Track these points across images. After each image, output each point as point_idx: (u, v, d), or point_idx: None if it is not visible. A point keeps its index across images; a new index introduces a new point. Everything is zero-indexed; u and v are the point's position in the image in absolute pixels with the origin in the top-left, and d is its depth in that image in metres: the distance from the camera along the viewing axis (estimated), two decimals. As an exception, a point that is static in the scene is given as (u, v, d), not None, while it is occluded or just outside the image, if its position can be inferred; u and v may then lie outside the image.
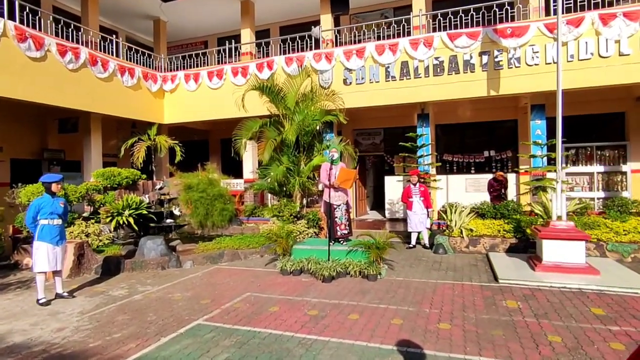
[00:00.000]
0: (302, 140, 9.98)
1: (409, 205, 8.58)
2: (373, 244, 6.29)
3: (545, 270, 6.10)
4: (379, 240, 6.35)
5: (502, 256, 7.33)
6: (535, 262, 6.40)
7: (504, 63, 9.17)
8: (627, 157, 10.90)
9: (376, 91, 10.32)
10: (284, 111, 10.19)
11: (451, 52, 9.58)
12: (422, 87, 9.88)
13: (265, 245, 8.30)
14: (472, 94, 9.51)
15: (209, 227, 10.76)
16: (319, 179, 11.69)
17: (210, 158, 15.27)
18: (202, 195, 10.16)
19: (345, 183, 6.73)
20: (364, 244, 6.43)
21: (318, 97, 10.02)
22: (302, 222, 9.25)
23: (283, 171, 9.11)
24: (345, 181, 6.71)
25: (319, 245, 6.87)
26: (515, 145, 12.20)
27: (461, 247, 8.05)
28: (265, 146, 9.29)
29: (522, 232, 7.76)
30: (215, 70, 12.08)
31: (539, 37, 8.90)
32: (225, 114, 11.98)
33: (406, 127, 13.16)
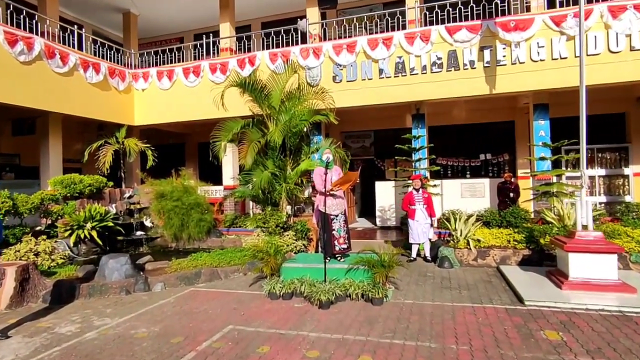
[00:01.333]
0: (288, 143, 9.03)
1: (411, 214, 7.74)
2: (378, 261, 5.38)
3: (573, 288, 5.33)
4: (384, 256, 5.45)
5: (516, 270, 6.55)
6: (560, 278, 5.63)
7: (507, 59, 8.51)
8: (629, 160, 10.44)
9: (369, 89, 9.50)
10: (268, 111, 9.23)
11: (450, 46, 8.87)
12: (419, 84, 9.12)
13: (249, 262, 7.28)
14: (473, 92, 8.81)
15: (184, 240, 9.68)
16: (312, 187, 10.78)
17: (186, 163, 14.11)
18: (176, 205, 9.07)
19: (342, 186, 5.82)
20: (366, 261, 5.52)
21: (306, 96, 9.11)
22: (289, 234, 8.28)
23: (268, 177, 8.14)
24: (343, 184, 5.80)
25: (312, 263, 5.91)
26: (513, 148, 11.62)
27: (468, 259, 7.25)
28: (248, 149, 8.30)
29: (535, 243, 7.02)
30: (191, 66, 11.01)
31: (545, 30, 8.28)
32: (203, 114, 10.93)
33: (398, 129, 12.42)
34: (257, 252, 5.87)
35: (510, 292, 5.57)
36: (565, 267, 5.60)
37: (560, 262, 5.86)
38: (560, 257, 5.86)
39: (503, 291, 5.65)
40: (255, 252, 5.87)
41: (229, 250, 7.86)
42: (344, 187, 5.85)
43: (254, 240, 8.01)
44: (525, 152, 11.19)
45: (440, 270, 7.06)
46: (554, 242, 6.04)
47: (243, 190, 9.09)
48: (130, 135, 11.71)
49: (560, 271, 5.82)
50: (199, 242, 9.66)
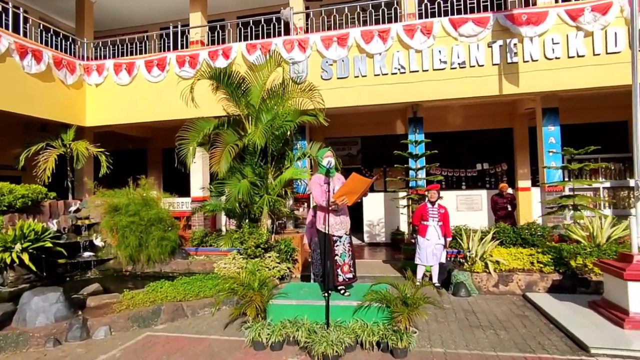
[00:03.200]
0: (270, 147, 7.68)
1: (422, 230, 6.55)
2: (398, 297, 4.11)
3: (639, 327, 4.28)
4: (404, 289, 4.19)
5: (550, 300, 5.47)
6: (614, 312, 4.57)
7: (519, 56, 7.61)
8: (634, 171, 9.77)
9: (362, 88, 8.35)
10: (246, 110, 7.88)
11: (454, 41, 7.89)
12: (420, 84, 8.07)
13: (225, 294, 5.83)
14: (481, 93, 7.84)
15: (142, 262, 8.11)
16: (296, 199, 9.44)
17: (148, 172, 12.40)
18: (133, 220, 7.53)
19: (351, 197, 4.52)
20: (382, 297, 4.23)
21: (291, 93, 7.84)
22: (271, 255, 6.89)
23: (247, 187, 6.75)
24: (350, 194, 4.50)
25: (309, 299, 4.55)
26: (511, 157, 10.78)
27: (488, 286, 6.12)
28: (223, 154, 6.88)
29: (565, 265, 6.00)
30: (155, 59, 9.50)
31: (560, 25, 7.47)
32: (169, 114, 9.41)
33: (387, 135, 11.40)
34: (236, 285, 4.44)
35: (559, 333, 4.43)
36: (622, 299, 4.55)
37: (612, 292, 4.81)
38: (612, 285, 4.81)
39: (549, 331, 4.51)
40: (235, 286, 4.44)
41: (197, 278, 6.35)
42: (352, 199, 4.56)
43: (229, 264, 6.56)
44: (525, 162, 10.37)
45: (458, 300, 5.88)
46: (601, 266, 5.00)
47: (215, 203, 7.63)
48: (81, 138, 9.98)
49: (611, 303, 4.76)
50: (160, 264, 8.11)
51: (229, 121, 7.81)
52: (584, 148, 6.89)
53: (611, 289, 4.83)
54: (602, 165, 6.89)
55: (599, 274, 5.76)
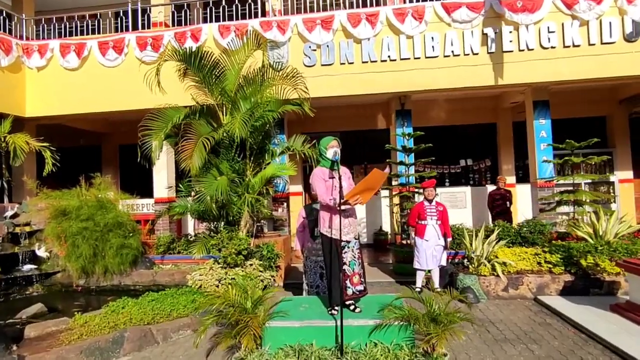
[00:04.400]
0: (249, 140, 6.78)
1: (420, 231, 5.94)
2: (426, 314, 3.41)
3: (681, 334, 3.87)
4: (429, 302, 3.51)
5: (567, 304, 5.02)
6: (648, 317, 4.16)
7: (515, 44, 7.22)
8: (614, 166, 9.82)
9: (350, 76, 7.65)
10: (219, 98, 6.94)
11: (448, 27, 7.38)
12: (411, 72, 7.50)
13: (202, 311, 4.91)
14: (476, 83, 7.38)
15: (98, 275, 7.00)
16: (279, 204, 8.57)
17: (103, 170, 11.01)
18: (86, 226, 6.42)
19: (366, 195, 3.78)
20: (407, 314, 3.51)
21: (271, 80, 6.99)
22: (253, 263, 6.02)
23: (226, 185, 5.82)
24: (367, 191, 3.76)
25: (314, 319, 3.76)
26: (495, 153, 10.52)
27: (497, 290, 5.61)
28: (195, 147, 5.91)
29: (576, 265, 5.61)
30: (111, 40, 8.28)
31: (555, 13, 7.15)
32: (127, 103, 8.25)
33: (368, 130, 10.81)
34: (224, 306, 3.55)
35: (597, 345, 3.93)
36: (656, 302, 4.14)
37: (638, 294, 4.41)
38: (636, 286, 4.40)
39: (585, 343, 4.00)
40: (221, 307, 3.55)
41: (168, 293, 5.36)
42: (367, 197, 3.82)
43: (206, 275, 5.61)
44: (509, 158, 10.13)
45: (466, 307, 5.31)
46: (628, 267, 4.59)
47: (187, 204, 6.61)
48: (21, 130, 8.52)
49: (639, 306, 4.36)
50: (120, 276, 7.03)
51: (202, 110, 6.83)
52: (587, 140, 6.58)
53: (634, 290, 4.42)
54: (603, 158, 6.62)
55: (612, 274, 5.42)
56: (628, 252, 5.46)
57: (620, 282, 5.38)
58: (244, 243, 5.82)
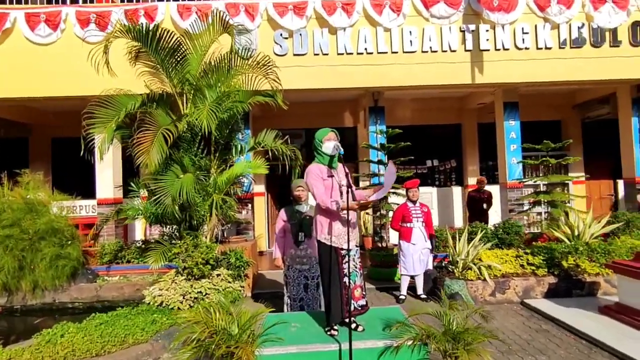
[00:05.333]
0: (215, 134, 6.00)
1: (405, 234, 5.58)
2: (445, 332, 2.98)
3: (681, 337, 3.82)
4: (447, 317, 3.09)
5: (557, 308, 4.90)
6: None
7: (491, 43, 7.15)
8: (568, 168, 10.25)
9: (324, 68, 7.15)
10: (179, 86, 6.09)
11: (426, 22, 7.14)
12: (389, 67, 7.16)
13: (165, 331, 4.14)
14: (452, 80, 7.22)
15: (25, 292, 5.94)
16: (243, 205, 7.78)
17: (31, 166, 9.50)
18: (9, 234, 5.38)
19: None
20: (422, 332, 3.05)
21: (239, 68, 6.27)
22: (222, 272, 5.30)
23: (193, 183, 5.01)
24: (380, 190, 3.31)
25: (313, 343, 3.17)
26: (459, 154, 10.56)
27: (484, 295, 5.39)
28: (154, 140, 5.04)
29: (558, 266, 5.55)
30: (43, 12, 7.04)
31: (529, 15, 7.18)
32: (64, 89, 7.10)
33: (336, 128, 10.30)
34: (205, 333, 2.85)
35: (603, 353, 3.77)
36: (651, 305, 4.08)
37: (633, 297, 4.34)
38: (634, 289, 4.34)
39: (591, 351, 3.82)
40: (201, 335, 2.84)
41: (120, 313, 4.49)
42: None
43: (167, 289, 4.80)
44: (474, 159, 10.21)
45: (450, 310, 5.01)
46: (618, 268, 4.54)
47: (142, 206, 5.68)
48: None
49: (632, 309, 4.30)
50: (55, 293, 6.00)
51: (161, 97, 5.93)
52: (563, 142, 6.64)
53: (633, 293, 4.36)
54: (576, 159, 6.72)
55: (592, 275, 5.42)
56: (606, 252, 5.50)
57: (600, 282, 5.40)
58: (212, 251, 5.07)
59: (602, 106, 9.13)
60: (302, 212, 4.49)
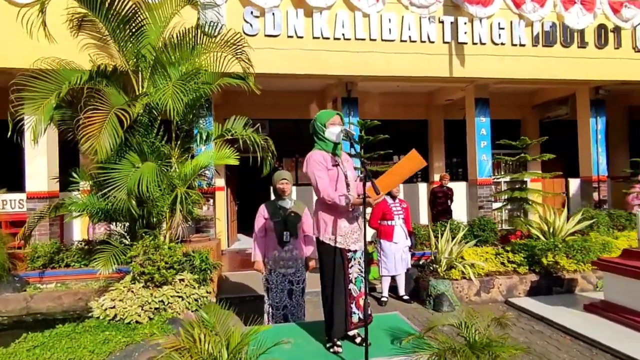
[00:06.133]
0: (176, 119, 5.24)
1: (387, 233, 5.22)
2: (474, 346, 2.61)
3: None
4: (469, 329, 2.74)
5: (542, 307, 4.81)
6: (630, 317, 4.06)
7: (469, 37, 7.01)
8: (527, 166, 10.56)
9: (299, 52, 6.60)
10: (134, 62, 5.26)
11: (405, 10, 6.83)
12: (367, 54, 6.77)
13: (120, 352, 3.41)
14: (430, 72, 6.99)
15: None
16: (205, 200, 6.98)
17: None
18: None
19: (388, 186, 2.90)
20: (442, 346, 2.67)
21: (206, 46, 5.55)
22: (185, 277, 4.60)
23: (154, 174, 4.24)
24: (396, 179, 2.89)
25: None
26: (425, 150, 10.49)
27: (470, 295, 5.19)
28: (106, 123, 4.20)
29: (538, 264, 5.50)
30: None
31: (505, 10, 7.13)
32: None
33: (301, 120, 9.85)
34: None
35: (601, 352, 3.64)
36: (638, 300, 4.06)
37: (622, 295, 4.31)
38: (622, 287, 4.31)
39: (589, 351, 3.69)
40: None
41: (61, 332, 3.66)
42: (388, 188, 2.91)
43: (121, 299, 4.03)
44: (440, 156, 10.18)
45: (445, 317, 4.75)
46: (604, 265, 4.50)
47: (87, 200, 4.78)
48: None
49: (619, 306, 4.27)
50: (-28, 306, 4.89)
51: (113, 72, 5.02)
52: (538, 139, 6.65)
53: (620, 291, 4.33)
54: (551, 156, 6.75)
55: (570, 272, 5.43)
56: (583, 249, 5.54)
57: (578, 279, 5.43)
58: (177, 253, 4.36)
59: (560, 107, 9.47)
60: (286, 208, 3.96)
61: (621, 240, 6.17)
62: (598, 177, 8.42)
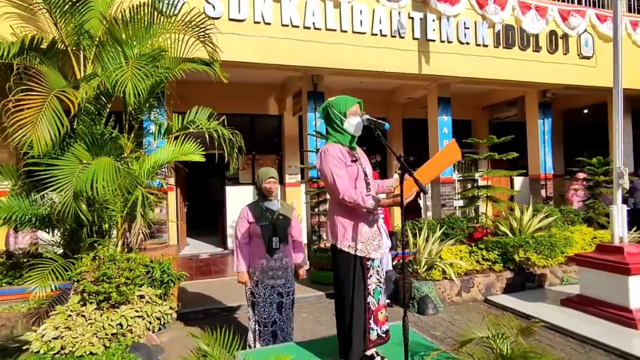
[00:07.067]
0: (131, 108, 4.49)
1: (371, 235, 4.91)
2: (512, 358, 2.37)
3: (652, 326, 3.96)
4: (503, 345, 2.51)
5: (522, 304, 4.85)
6: (612, 311, 4.18)
7: (437, 34, 6.98)
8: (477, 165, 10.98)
9: (267, 40, 6.07)
10: (74, 39, 4.42)
11: (376, 3, 6.60)
12: (338, 46, 6.43)
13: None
14: (400, 69, 6.82)
15: None
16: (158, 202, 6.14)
17: None
18: None
19: (433, 173, 2.59)
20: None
21: (164, 26, 4.85)
22: (146, 292, 3.93)
23: (112, 171, 3.48)
24: (435, 168, 2.58)
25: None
26: (383, 148, 10.45)
27: (451, 295, 5.08)
28: (45, 108, 3.39)
29: (511, 261, 5.56)
30: None
31: (470, 10, 7.21)
32: None
33: (258, 115, 9.34)
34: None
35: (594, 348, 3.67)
36: (618, 295, 4.19)
37: (597, 288, 4.43)
38: (596, 281, 4.43)
39: (582, 348, 3.70)
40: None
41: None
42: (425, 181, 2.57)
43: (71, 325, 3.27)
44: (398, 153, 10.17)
45: (432, 321, 4.58)
46: (581, 260, 4.62)
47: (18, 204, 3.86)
48: None
49: (600, 301, 4.38)
50: None
51: (51, 48, 4.12)
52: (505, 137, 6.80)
53: (596, 285, 4.46)
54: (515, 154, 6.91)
55: (540, 267, 5.57)
56: (550, 245, 5.71)
57: (547, 274, 5.58)
58: (138, 267, 3.67)
59: (510, 109, 9.94)
60: (273, 210, 3.48)
61: (576, 234, 6.50)
62: (545, 175, 8.93)
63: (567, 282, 5.57)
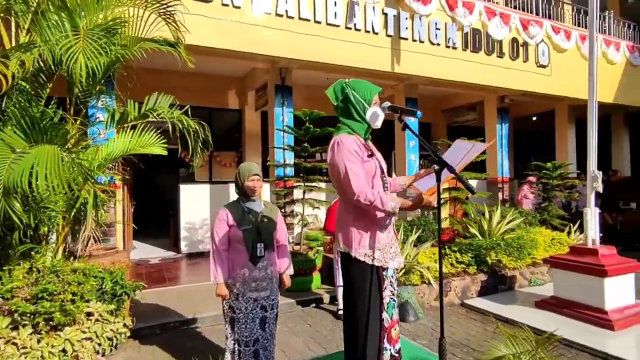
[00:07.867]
0: (78, 90, 3.79)
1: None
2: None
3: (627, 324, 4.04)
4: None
5: (498, 307, 4.80)
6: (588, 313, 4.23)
7: (409, 32, 6.86)
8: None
9: (235, 25, 5.55)
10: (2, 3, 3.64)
11: (351, -4, 6.33)
12: (312, 38, 6.07)
13: None
14: (374, 65, 6.60)
15: None
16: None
17: None
18: None
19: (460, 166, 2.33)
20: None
21: None
22: (96, 309, 3.30)
23: (58, 161, 2.81)
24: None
25: None
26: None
27: (430, 300, 4.92)
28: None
29: (484, 263, 5.54)
30: None
31: (440, 12, 7.19)
32: None
33: (217, 109, 8.72)
34: None
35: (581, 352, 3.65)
36: (593, 296, 4.25)
37: (571, 290, 4.48)
38: (571, 282, 4.49)
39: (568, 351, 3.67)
40: None
41: None
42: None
43: None
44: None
45: (414, 328, 4.37)
46: (556, 262, 4.66)
47: None
48: None
49: (575, 302, 4.43)
50: None
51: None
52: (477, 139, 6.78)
53: (570, 286, 4.51)
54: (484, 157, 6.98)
55: (510, 269, 5.61)
56: (519, 247, 5.77)
57: (516, 276, 5.64)
58: (89, 280, 3.03)
59: (469, 113, 10.19)
60: (257, 212, 3.04)
61: (537, 236, 6.69)
62: (502, 178, 9.22)
63: (535, 283, 5.67)
